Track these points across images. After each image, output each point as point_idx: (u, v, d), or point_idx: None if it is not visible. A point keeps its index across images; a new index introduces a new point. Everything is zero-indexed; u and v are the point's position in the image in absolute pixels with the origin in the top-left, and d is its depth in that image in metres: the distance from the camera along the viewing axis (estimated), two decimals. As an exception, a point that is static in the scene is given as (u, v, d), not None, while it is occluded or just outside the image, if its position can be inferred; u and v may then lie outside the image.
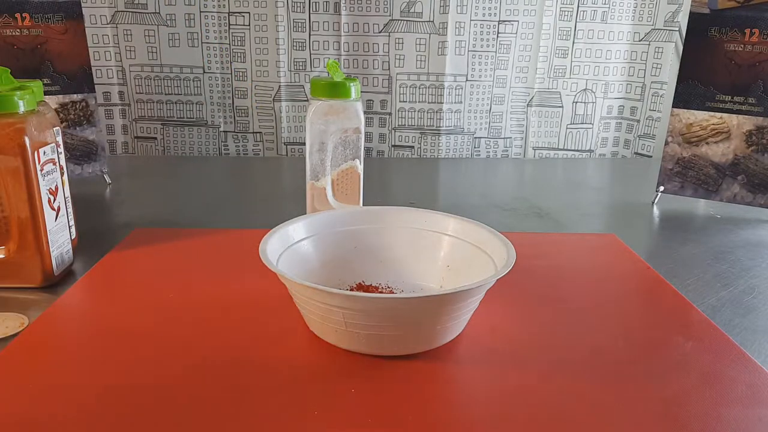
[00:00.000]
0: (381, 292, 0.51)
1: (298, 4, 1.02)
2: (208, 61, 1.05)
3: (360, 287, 0.52)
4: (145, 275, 0.56)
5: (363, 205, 0.67)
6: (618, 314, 0.52)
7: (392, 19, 1.04)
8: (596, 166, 1.12)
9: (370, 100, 1.09)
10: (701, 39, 0.78)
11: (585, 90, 1.11)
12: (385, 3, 1.03)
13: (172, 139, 1.09)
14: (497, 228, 0.50)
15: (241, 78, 1.06)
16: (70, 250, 0.58)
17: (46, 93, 0.64)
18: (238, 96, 1.07)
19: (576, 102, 1.12)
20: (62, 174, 0.56)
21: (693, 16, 0.78)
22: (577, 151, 1.15)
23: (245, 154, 1.10)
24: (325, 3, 1.03)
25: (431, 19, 1.04)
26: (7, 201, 0.51)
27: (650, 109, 1.10)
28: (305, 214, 0.56)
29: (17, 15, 0.77)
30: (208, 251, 0.62)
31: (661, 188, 0.83)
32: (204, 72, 1.06)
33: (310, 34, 1.04)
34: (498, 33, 1.06)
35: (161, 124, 1.08)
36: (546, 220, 0.78)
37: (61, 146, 0.57)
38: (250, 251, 0.45)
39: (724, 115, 0.78)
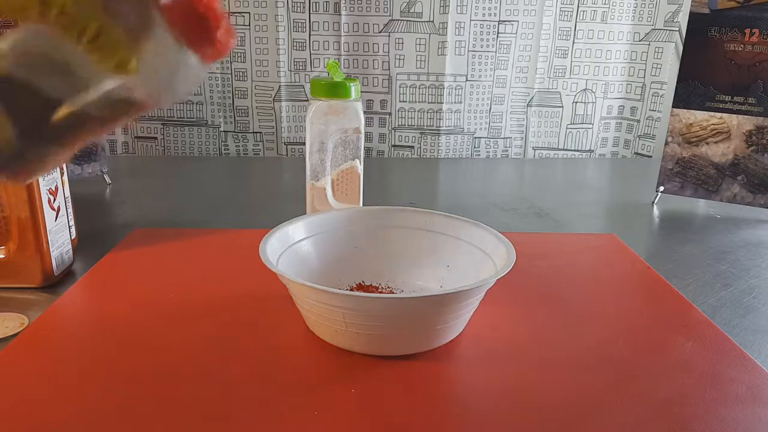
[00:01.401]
0: (381, 292, 0.51)
1: (298, 4, 1.02)
2: (208, 61, 1.05)
3: (360, 287, 0.52)
4: (145, 275, 0.56)
5: (363, 205, 0.67)
6: (618, 314, 0.52)
7: (392, 19, 1.04)
8: (596, 166, 1.12)
9: (370, 100, 1.09)
10: (701, 39, 0.78)
11: (585, 90, 1.11)
12: (385, 3, 1.03)
13: (172, 139, 1.09)
14: (497, 228, 0.50)
15: (241, 78, 1.06)
16: (70, 250, 0.58)
17: (46, 93, 0.64)
18: (238, 96, 1.07)
19: (576, 102, 1.12)
20: (62, 174, 0.56)
21: (693, 16, 0.78)
22: (577, 151, 1.15)
23: (245, 154, 1.10)
24: (325, 3, 1.03)
25: (431, 19, 1.04)
26: (7, 201, 0.51)
27: (650, 109, 1.10)
28: (305, 214, 0.56)
29: (17, 15, 0.77)
30: (208, 251, 0.62)
31: (661, 188, 0.83)
32: (204, 72, 1.05)
33: (310, 34, 1.04)
34: (498, 33, 1.06)
35: (161, 123, 1.08)
36: (546, 220, 0.78)
37: (61, 146, 0.57)
38: (250, 251, 0.45)
39: (724, 115, 0.78)
